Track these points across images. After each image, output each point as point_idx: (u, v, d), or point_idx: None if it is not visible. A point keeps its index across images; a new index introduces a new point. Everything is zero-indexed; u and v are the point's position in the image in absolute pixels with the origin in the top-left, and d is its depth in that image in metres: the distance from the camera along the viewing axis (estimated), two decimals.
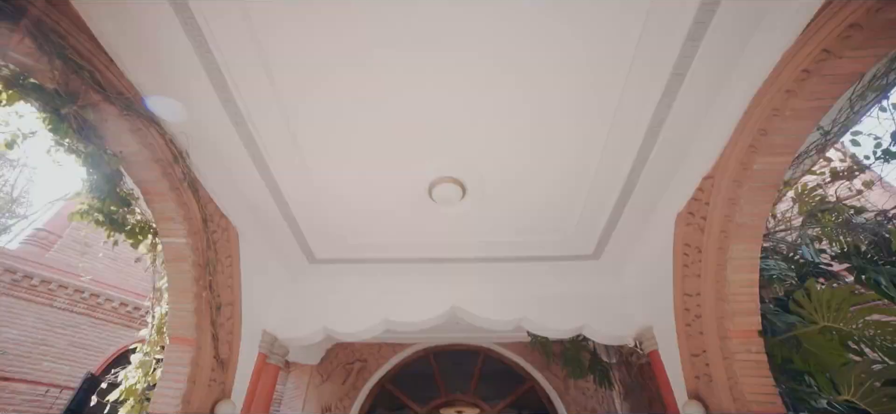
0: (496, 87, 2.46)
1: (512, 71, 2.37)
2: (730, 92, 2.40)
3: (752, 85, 2.25)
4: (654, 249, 3.67)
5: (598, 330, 4.03)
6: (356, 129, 2.76)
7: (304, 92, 2.53)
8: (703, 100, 2.51)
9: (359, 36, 2.19)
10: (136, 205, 2.91)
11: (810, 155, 2.54)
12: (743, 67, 2.28)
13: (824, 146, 2.46)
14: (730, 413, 2.76)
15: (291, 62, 2.34)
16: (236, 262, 3.60)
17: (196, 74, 2.37)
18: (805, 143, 2.37)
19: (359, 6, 2.06)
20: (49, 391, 5.78)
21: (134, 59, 2.32)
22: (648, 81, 2.42)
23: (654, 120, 2.70)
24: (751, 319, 2.84)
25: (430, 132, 2.77)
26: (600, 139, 2.86)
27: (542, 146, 2.89)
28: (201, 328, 3.12)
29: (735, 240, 2.79)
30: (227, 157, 3.03)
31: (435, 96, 2.52)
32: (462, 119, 2.68)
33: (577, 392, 6.06)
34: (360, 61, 2.32)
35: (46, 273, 6.10)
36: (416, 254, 3.94)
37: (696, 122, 2.67)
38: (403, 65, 2.33)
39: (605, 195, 3.34)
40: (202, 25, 2.14)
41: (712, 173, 2.89)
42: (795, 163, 2.65)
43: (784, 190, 3.00)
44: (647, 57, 2.28)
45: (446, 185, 2.99)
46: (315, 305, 4.30)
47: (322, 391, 6.42)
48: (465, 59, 2.30)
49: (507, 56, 2.28)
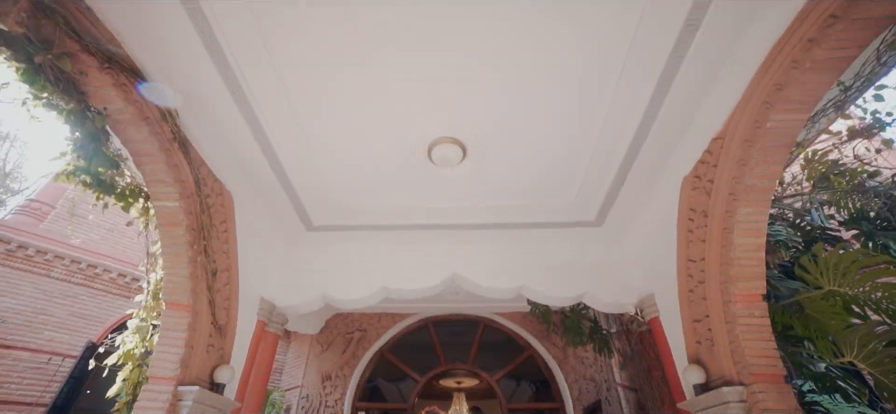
0: (499, 42, 2.33)
1: (516, 24, 2.23)
2: (747, 42, 2.27)
3: (772, 32, 2.12)
4: (657, 216, 3.61)
5: (598, 298, 4.00)
6: (352, 88, 2.64)
7: (298, 48, 2.40)
8: (717, 52, 2.39)
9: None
10: (125, 166, 2.81)
11: (828, 113, 2.43)
12: (763, 14, 2.14)
13: (844, 103, 2.35)
14: (731, 376, 2.75)
15: (284, 16, 2.20)
16: (232, 227, 3.53)
17: (181, 24, 2.23)
18: (822, 100, 2.26)
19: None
20: (51, 359, 5.82)
21: (109, 4, 2.17)
22: (659, 33, 2.29)
23: (663, 76, 2.58)
24: (755, 284, 2.80)
25: (430, 90, 2.65)
26: (606, 98, 2.75)
27: (546, 106, 2.78)
28: (197, 293, 3.07)
29: (743, 203, 2.72)
30: (220, 118, 2.92)
31: (435, 53, 2.39)
32: (463, 77, 2.55)
33: (576, 361, 6.12)
34: (357, 16, 2.18)
35: (42, 243, 6.04)
36: (415, 220, 3.86)
37: (708, 76, 2.55)
38: (402, 19, 2.20)
39: (608, 158, 3.25)
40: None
41: (722, 133, 2.79)
42: (810, 122, 2.55)
43: (796, 151, 2.90)
44: (659, 5, 2.14)
45: (446, 145, 2.89)
46: (313, 273, 4.26)
47: (322, 360, 6.49)
48: (466, 13, 2.17)
49: (512, 8, 2.14)
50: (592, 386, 5.91)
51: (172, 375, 2.87)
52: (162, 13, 2.21)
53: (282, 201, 3.76)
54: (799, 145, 2.83)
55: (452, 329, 6.79)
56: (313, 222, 4.03)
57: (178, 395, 2.84)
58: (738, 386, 2.69)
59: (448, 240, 4.10)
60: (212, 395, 3.02)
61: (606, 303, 4.03)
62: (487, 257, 4.12)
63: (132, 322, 3.25)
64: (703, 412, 2.94)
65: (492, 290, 4.06)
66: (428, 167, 3.19)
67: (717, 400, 2.77)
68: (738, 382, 2.72)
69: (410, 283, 4.07)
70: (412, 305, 6.55)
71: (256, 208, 3.81)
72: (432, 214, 3.81)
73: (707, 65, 2.49)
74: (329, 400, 6.10)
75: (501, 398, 6.14)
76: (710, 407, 2.85)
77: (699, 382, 3.00)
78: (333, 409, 6.02)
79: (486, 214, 3.78)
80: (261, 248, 3.98)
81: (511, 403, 6.19)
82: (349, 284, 4.15)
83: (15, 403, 5.51)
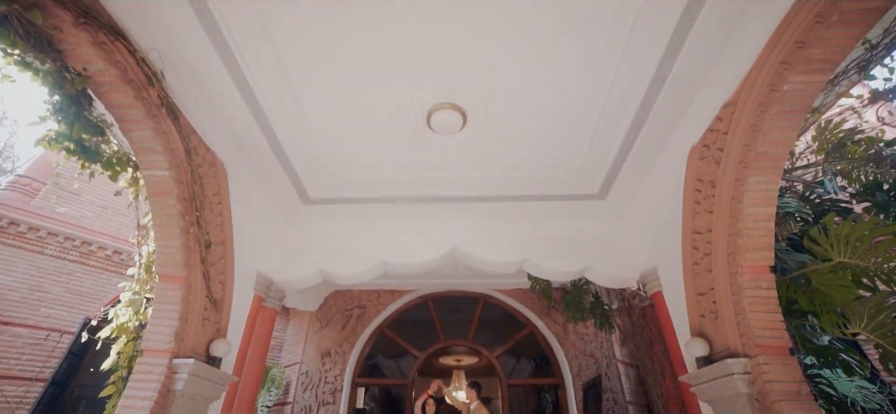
0: (502, 2, 2.19)
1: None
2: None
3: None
4: (662, 188, 3.52)
5: (601, 272, 3.95)
6: (348, 51, 2.50)
7: (291, 11, 2.25)
8: (731, 10, 2.25)
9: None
10: (111, 133, 2.68)
11: (850, 75, 2.30)
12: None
13: (868, 63, 2.22)
14: (735, 348, 2.71)
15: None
16: (225, 199, 3.43)
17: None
18: (845, 60, 2.13)
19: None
20: (49, 336, 5.79)
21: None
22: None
23: (673, 38, 2.45)
24: (763, 255, 2.73)
25: (429, 54, 2.52)
26: (613, 63, 2.62)
27: (550, 71, 2.65)
28: (191, 266, 2.99)
29: (754, 171, 2.62)
30: (209, 85, 2.78)
31: (434, 12, 2.25)
32: (464, 38, 2.42)
33: (576, 337, 6.13)
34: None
35: (33, 220, 5.95)
36: (414, 192, 3.76)
37: (722, 38, 2.42)
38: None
39: (613, 128, 3.13)
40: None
41: (734, 99, 2.67)
42: (830, 86, 2.42)
43: (812, 118, 2.79)
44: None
45: (446, 111, 2.77)
46: (310, 247, 4.19)
47: (321, 337, 6.49)
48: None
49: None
50: (592, 362, 5.93)
51: (167, 349, 2.81)
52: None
53: (277, 173, 3.64)
54: (815, 111, 2.72)
55: (452, 306, 6.78)
56: (310, 195, 3.93)
57: (173, 368, 2.79)
58: (742, 358, 2.65)
59: (448, 213, 4.01)
60: (208, 368, 2.98)
61: (609, 277, 3.97)
62: (488, 231, 4.04)
63: (125, 295, 3.18)
64: (706, 385, 2.91)
65: (492, 264, 4.00)
66: (427, 135, 3.07)
67: (721, 372, 2.73)
68: (742, 353, 2.67)
69: (410, 257, 4.00)
70: (411, 281, 6.52)
71: (251, 180, 3.70)
72: (432, 186, 3.70)
73: (721, 25, 2.35)
74: (328, 376, 6.13)
75: (501, 374, 6.17)
76: (714, 379, 2.81)
77: (702, 354, 2.96)
78: (333, 385, 6.04)
79: (486, 185, 3.68)
80: (256, 221, 3.90)
81: (511, 379, 6.22)
82: (347, 258, 4.08)
83: (15, 378, 5.52)
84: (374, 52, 2.50)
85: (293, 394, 6.15)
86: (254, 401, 3.95)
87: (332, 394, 5.97)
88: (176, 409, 2.78)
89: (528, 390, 7.77)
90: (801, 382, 2.50)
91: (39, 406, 5.53)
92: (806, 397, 2.46)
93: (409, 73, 2.64)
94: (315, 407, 5.90)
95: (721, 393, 2.79)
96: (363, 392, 6.54)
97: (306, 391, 6.10)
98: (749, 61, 2.45)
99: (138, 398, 2.67)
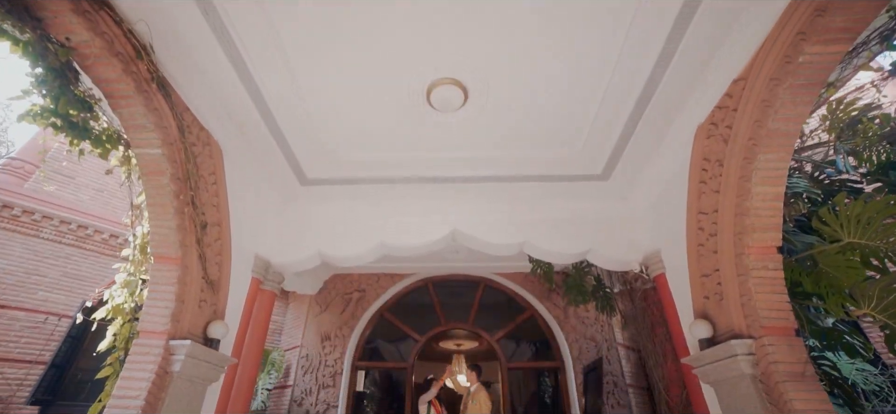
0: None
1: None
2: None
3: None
4: (667, 168, 3.45)
5: (603, 255, 3.90)
6: (345, 24, 2.40)
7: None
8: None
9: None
10: (100, 109, 2.59)
11: (871, 46, 2.20)
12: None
13: (893, 32, 2.12)
14: (740, 329, 2.67)
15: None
16: (221, 179, 3.36)
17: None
18: (867, 29, 2.04)
19: None
20: (47, 319, 5.77)
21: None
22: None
23: (683, 10, 2.35)
24: (771, 235, 2.68)
25: (429, 27, 2.41)
26: (619, 37, 2.52)
27: (553, 45, 2.55)
28: (186, 246, 2.93)
29: (764, 149, 2.55)
30: (203, 61, 2.68)
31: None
32: (465, 11, 2.31)
33: (577, 321, 6.12)
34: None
35: (28, 203, 5.87)
36: (414, 172, 3.68)
37: (733, 12, 2.32)
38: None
39: (618, 106, 3.04)
40: None
41: (745, 74, 2.58)
42: (848, 58, 2.33)
43: (827, 93, 2.70)
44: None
45: (446, 87, 2.67)
46: (309, 229, 4.12)
47: (321, 321, 6.48)
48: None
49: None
50: (593, 345, 5.93)
51: (163, 330, 2.77)
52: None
53: (274, 153, 3.56)
54: (830, 86, 2.63)
55: (452, 289, 6.76)
56: (307, 176, 3.85)
57: (170, 349, 2.75)
58: (747, 339, 2.62)
59: (448, 194, 3.93)
60: (206, 350, 2.94)
61: (611, 260, 3.92)
62: (489, 212, 3.98)
63: (120, 276, 3.12)
64: (709, 366, 2.89)
65: (493, 246, 3.94)
66: (427, 113, 2.98)
67: (725, 353, 2.70)
68: (747, 335, 2.64)
69: (410, 239, 3.94)
70: (411, 264, 6.48)
71: (247, 161, 3.62)
72: (432, 166, 3.62)
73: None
74: (328, 359, 6.13)
75: (501, 357, 6.18)
76: (717, 361, 2.79)
77: (705, 336, 2.93)
78: (333, 368, 6.05)
79: (487, 165, 3.60)
80: (253, 203, 3.82)
81: (511, 363, 6.23)
82: (346, 240, 4.02)
83: (15, 360, 5.52)
84: (373, 25, 2.40)
85: (293, 377, 6.16)
86: (253, 383, 3.93)
87: (332, 377, 5.98)
88: (174, 390, 2.75)
89: (528, 374, 7.81)
90: (806, 363, 2.47)
91: (40, 388, 5.54)
92: (810, 378, 2.43)
93: (408, 47, 2.54)
94: (315, 390, 5.92)
95: (724, 374, 2.77)
96: (363, 375, 6.56)
97: (306, 374, 6.11)
98: (763, 33, 2.35)
99: (135, 379, 2.64)
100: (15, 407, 5.40)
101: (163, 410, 2.66)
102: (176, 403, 2.76)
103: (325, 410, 5.74)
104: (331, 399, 5.81)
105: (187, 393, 2.86)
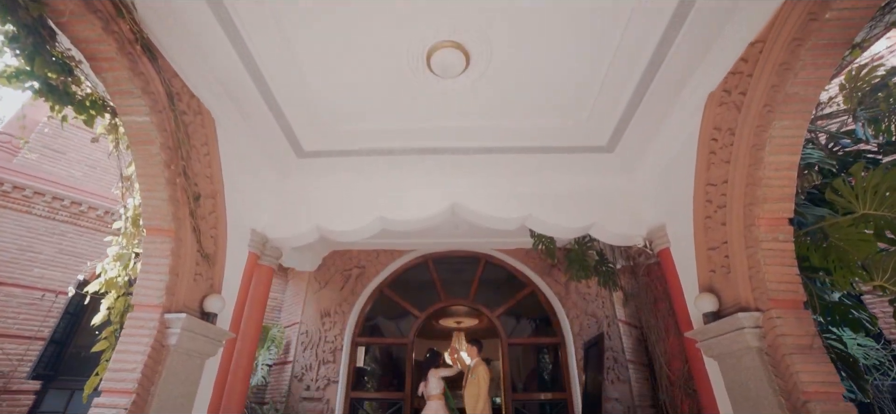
0: None
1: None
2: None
3: None
4: (675, 139, 3.34)
5: (607, 229, 3.82)
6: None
7: None
8: None
9: None
10: (81, 72, 2.45)
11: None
12: None
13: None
14: (747, 302, 2.62)
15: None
16: (214, 150, 3.24)
17: None
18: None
19: None
20: (45, 296, 5.73)
21: None
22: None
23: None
24: (783, 206, 2.60)
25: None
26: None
27: (560, 5, 2.40)
28: (179, 218, 2.84)
29: (780, 115, 2.44)
30: (191, 23, 2.53)
31: None
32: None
33: (578, 297, 6.10)
34: None
35: (18, 179, 5.75)
36: (413, 143, 3.56)
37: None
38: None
39: (627, 71, 2.91)
40: None
41: (763, 36, 2.45)
42: (880, 13, 2.19)
43: (851, 55, 2.57)
44: None
45: (447, 50, 2.54)
46: (306, 203, 4.03)
47: (321, 297, 6.45)
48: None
49: None
50: (594, 321, 5.93)
51: (158, 303, 2.71)
52: None
53: (269, 124, 3.43)
54: (855, 47, 2.49)
55: (452, 266, 6.72)
56: (304, 148, 3.73)
57: (166, 322, 2.70)
58: (754, 312, 2.56)
59: (449, 166, 3.82)
60: (202, 323, 2.89)
61: (615, 234, 3.85)
62: (490, 185, 3.88)
63: (112, 249, 3.04)
64: (713, 340, 2.85)
65: (494, 220, 3.86)
66: (427, 79, 2.84)
67: (731, 326, 2.65)
68: (754, 308, 2.59)
69: (409, 212, 3.85)
70: (411, 240, 6.42)
71: (242, 132, 3.49)
72: (432, 137, 3.50)
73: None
74: (328, 335, 6.14)
75: (502, 333, 6.19)
76: (722, 334, 2.74)
77: (711, 310, 2.88)
78: (333, 344, 6.06)
79: (489, 135, 3.47)
80: (249, 176, 3.72)
81: (511, 338, 6.24)
82: (344, 214, 3.93)
83: (14, 336, 5.51)
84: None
85: (293, 353, 6.18)
86: (252, 359, 3.91)
87: (333, 353, 5.99)
88: (171, 364, 2.71)
89: (527, 350, 7.86)
90: (815, 336, 2.42)
91: (41, 363, 5.55)
92: (818, 351, 2.39)
93: (408, 6, 2.39)
94: (316, 366, 5.94)
95: (729, 348, 2.73)
96: (363, 352, 6.59)
97: (306, 350, 6.12)
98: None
99: (130, 353, 2.59)
100: (17, 381, 5.41)
101: (160, 384, 2.63)
102: (173, 376, 2.72)
103: (325, 386, 5.77)
104: (331, 375, 5.84)
105: (185, 367, 2.82)
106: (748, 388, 2.59)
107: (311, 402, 5.71)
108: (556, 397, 5.93)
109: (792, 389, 2.32)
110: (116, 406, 2.43)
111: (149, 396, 2.57)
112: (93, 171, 6.60)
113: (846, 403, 2.26)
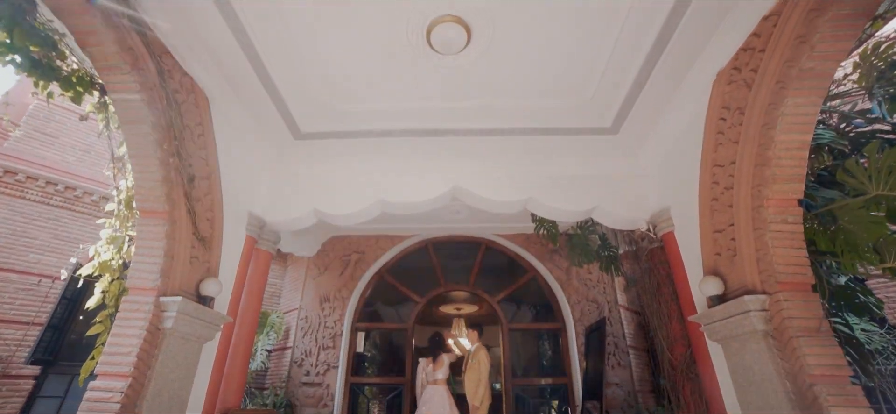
0: None
1: None
2: None
3: None
4: (681, 119, 3.26)
5: (610, 212, 3.75)
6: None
7: None
8: None
9: None
10: (66, 47, 2.35)
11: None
12: None
13: None
14: (754, 285, 2.57)
15: None
16: (209, 131, 3.16)
17: None
18: None
19: None
20: (41, 281, 5.68)
21: None
22: None
23: None
24: (793, 187, 2.53)
25: None
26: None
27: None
28: (173, 200, 2.77)
29: (793, 92, 2.36)
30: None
31: None
32: None
33: (579, 282, 6.07)
34: None
35: (9, 163, 5.65)
36: (412, 124, 3.47)
37: None
38: None
39: (633, 48, 2.82)
40: None
41: (777, 9, 2.36)
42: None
43: (873, 27, 2.47)
44: None
45: (448, 25, 2.44)
46: (304, 186, 3.95)
47: (320, 283, 6.42)
48: None
49: None
50: (595, 307, 5.91)
51: (153, 286, 2.65)
52: None
53: (265, 104, 3.34)
54: (877, 19, 2.39)
55: (453, 251, 6.67)
56: (301, 129, 3.64)
57: (161, 306, 2.64)
58: (761, 295, 2.51)
59: (449, 148, 3.74)
60: (198, 307, 2.83)
61: (618, 218, 3.79)
62: (492, 168, 3.80)
63: (105, 232, 2.98)
64: (718, 323, 2.81)
65: (495, 203, 3.79)
66: (427, 56, 2.74)
67: (737, 309, 2.60)
68: (761, 291, 2.54)
69: (409, 196, 3.78)
70: (411, 225, 6.36)
71: (237, 113, 3.40)
72: (432, 118, 3.41)
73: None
74: (328, 321, 6.11)
75: (502, 319, 6.17)
76: (728, 317, 2.70)
77: (716, 293, 2.83)
78: (333, 330, 6.04)
79: (490, 116, 3.38)
80: (245, 157, 3.64)
81: (512, 324, 6.22)
82: (342, 197, 3.85)
83: (11, 322, 5.47)
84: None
85: (293, 339, 6.16)
86: (251, 344, 3.87)
87: (332, 338, 5.98)
88: (167, 347, 2.66)
89: (528, 336, 7.86)
90: (822, 319, 2.38)
91: (39, 348, 5.53)
92: (826, 333, 2.35)
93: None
94: (315, 351, 5.93)
95: (734, 331, 2.69)
96: (363, 337, 6.57)
97: (306, 336, 6.11)
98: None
99: (126, 337, 2.54)
100: (16, 366, 5.40)
101: (157, 367, 2.59)
102: (170, 360, 2.68)
103: (325, 371, 5.77)
104: (331, 360, 5.83)
105: (181, 350, 2.78)
106: (752, 371, 2.56)
107: (310, 387, 5.71)
108: (556, 382, 5.94)
109: (798, 372, 2.28)
110: (112, 390, 2.39)
111: (145, 380, 2.53)
112: (87, 156, 6.49)
113: (853, 387, 2.23)
